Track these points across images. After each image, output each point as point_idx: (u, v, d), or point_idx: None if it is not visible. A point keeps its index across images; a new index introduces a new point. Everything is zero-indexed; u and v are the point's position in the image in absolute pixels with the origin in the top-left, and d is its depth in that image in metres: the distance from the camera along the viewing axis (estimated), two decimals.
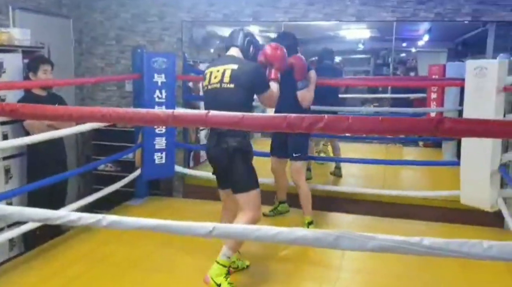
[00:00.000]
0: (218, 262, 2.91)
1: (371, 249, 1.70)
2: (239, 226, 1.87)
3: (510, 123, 1.61)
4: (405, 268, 3.44)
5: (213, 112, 1.64)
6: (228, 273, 2.94)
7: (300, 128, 1.62)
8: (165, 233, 2.00)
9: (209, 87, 3.00)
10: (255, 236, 1.86)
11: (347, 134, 6.44)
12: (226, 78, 2.91)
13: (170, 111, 1.66)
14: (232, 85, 2.89)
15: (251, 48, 3.08)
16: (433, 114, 5.96)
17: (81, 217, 1.99)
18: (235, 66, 2.92)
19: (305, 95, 3.97)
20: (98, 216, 1.96)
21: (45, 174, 3.70)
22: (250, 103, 3.05)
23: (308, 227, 4.00)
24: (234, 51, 3.05)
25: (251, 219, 2.90)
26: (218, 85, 2.93)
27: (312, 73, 4.02)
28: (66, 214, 2.04)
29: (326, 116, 1.61)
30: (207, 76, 3.02)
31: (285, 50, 3.22)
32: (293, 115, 1.62)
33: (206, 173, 5.20)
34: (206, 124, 1.63)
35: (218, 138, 2.93)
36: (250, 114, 1.68)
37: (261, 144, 4.46)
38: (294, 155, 4.03)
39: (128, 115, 1.69)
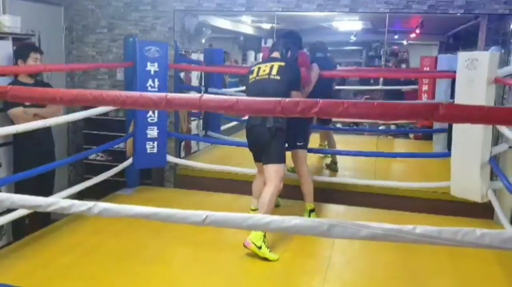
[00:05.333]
0: None
1: (364, 237, 1.70)
2: (232, 215, 1.86)
3: (504, 109, 1.62)
4: (394, 258, 3.47)
5: (206, 96, 1.63)
6: (265, 237, 3.37)
7: (295, 112, 1.62)
8: (158, 222, 1.99)
9: (257, 78, 3.64)
10: (247, 224, 1.85)
11: (338, 126, 6.44)
12: (274, 71, 3.59)
13: (163, 94, 1.65)
14: (278, 77, 3.57)
15: (289, 53, 3.78)
16: None
17: (73, 205, 1.97)
18: (282, 64, 3.64)
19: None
20: (89, 204, 1.94)
21: (31, 165, 3.64)
22: (289, 94, 3.55)
23: (309, 214, 4.10)
24: (276, 54, 3.79)
25: (276, 187, 3.51)
26: (267, 77, 3.59)
27: (315, 67, 4.25)
28: (57, 201, 2.02)
29: (320, 100, 1.60)
30: (255, 70, 3.69)
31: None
32: (288, 99, 1.61)
33: (198, 163, 5.21)
34: (200, 108, 1.62)
35: (263, 118, 3.53)
36: (244, 97, 1.67)
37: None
38: (298, 143, 4.11)
39: (121, 98, 1.67)
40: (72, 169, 5.75)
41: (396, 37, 8.17)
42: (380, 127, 7.13)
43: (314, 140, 5.26)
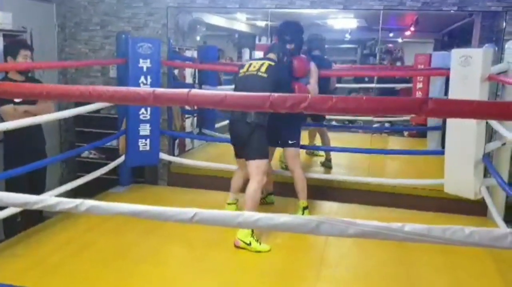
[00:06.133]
0: None
1: (353, 235, 1.69)
2: (221, 212, 1.85)
3: (493, 103, 1.60)
4: (387, 254, 3.47)
5: (194, 91, 1.61)
6: (253, 232, 3.45)
7: (284, 107, 1.60)
8: (147, 220, 1.98)
9: (246, 73, 3.71)
10: (237, 222, 1.83)
11: (334, 123, 6.42)
12: (263, 69, 3.66)
13: (151, 89, 1.63)
14: (265, 75, 3.63)
15: (285, 58, 3.89)
16: None
17: (60, 202, 1.95)
18: (273, 63, 3.73)
19: (310, 91, 4.12)
20: (77, 201, 1.92)
21: (21, 163, 3.60)
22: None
23: (303, 211, 4.11)
24: (272, 55, 3.86)
25: (259, 183, 3.57)
26: (255, 72, 3.66)
27: (313, 66, 4.25)
28: (44, 198, 2.01)
29: (309, 95, 1.58)
30: (246, 66, 3.77)
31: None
32: (277, 94, 1.59)
33: (191, 161, 5.19)
34: (188, 103, 1.60)
35: (242, 113, 3.57)
36: (233, 93, 1.65)
37: None
38: (289, 142, 4.10)
39: (109, 93, 1.65)
40: (64, 167, 5.71)
41: (391, 35, 8.16)
42: (374, 125, 7.12)
43: (305, 138, 5.26)
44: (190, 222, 1.82)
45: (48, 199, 1.97)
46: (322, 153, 5.68)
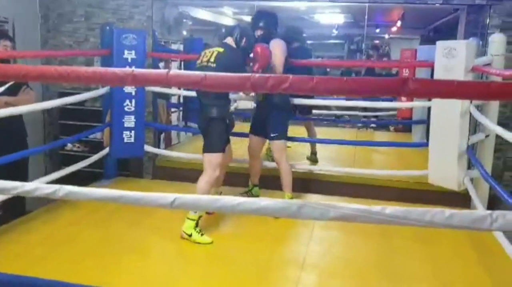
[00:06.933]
0: (188, 218, 3.44)
1: (333, 218, 1.67)
2: (201, 197, 1.83)
3: (473, 83, 1.60)
4: (370, 245, 3.50)
5: (174, 71, 1.59)
6: (197, 225, 3.46)
7: (265, 88, 1.58)
8: (136, 213, 1.95)
9: (201, 64, 3.55)
10: (217, 206, 1.81)
11: (322, 117, 6.41)
12: (212, 59, 3.49)
13: (129, 69, 1.60)
14: (214, 65, 3.45)
15: (243, 41, 3.66)
16: (404, 99, 5.99)
17: (38, 187, 1.92)
18: (221, 50, 3.52)
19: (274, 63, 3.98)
20: (55, 186, 1.88)
21: (1, 153, 3.52)
22: None
23: None
24: (228, 40, 3.67)
25: (209, 178, 3.52)
26: (206, 64, 3.50)
27: (276, 47, 4.00)
28: (22, 184, 1.96)
29: (291, 76, 1.57)
30: (201, 56, 3.59)
31: (270, 52, 3.82)
32: (258, 74, 1.57)
33: (176, 153, 5.16)
34: (169, 83, 1.57)
35: (202, 107, 3.59)
36: (213, 73, 1.63)
37: (240, 129, 4.43)
38: (272, 134, 4.07)
39: (87, 74, 1.62)
40: (48, 160, 5.64)
41: (377, 30, 8.22)
42: (361, 119, 7.16)
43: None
44: (171, 207, 1.79)
45: (26, 184, 1.93)
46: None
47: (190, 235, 3.43)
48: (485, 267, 3.19)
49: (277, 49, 4.00)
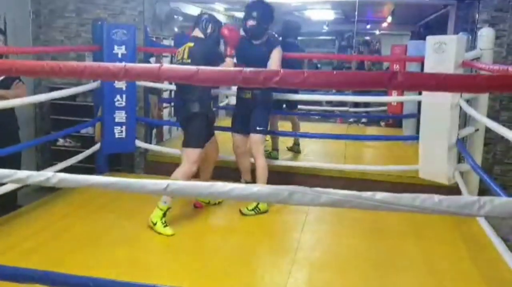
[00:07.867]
0: (157, 206, 3.47)
1: (324, 203, 1.70)
2: (194, 183, 1.85)
3: (460, 76, 1.63)
4: (361, 240, 3.52)
5: (166, 66, 1.60)
6: (164, 216, 3.47)
7: (257, 82, 1.60)
8: (129, 206, 1.95)
9: (177, 62, 3.60)
10: (209, 192, 1.82)
11: (312, 113, 6.42)
12: (186, 55, 3.53)
13: (122, 64, 1.62)
14: (189, 61, 3.48)
15: (210, 28, 3.62)
16: (394, 94, 6.04)
17: (31, 175, 1.91)
18: (191, 44, 3.54)
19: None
20: (48, 174, 1.88)
21: None
22: None
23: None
24: (196, 32, 3.63)
25: (185, 171, 3.54)
26: (181, 61, 3.54)
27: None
28: (15, 172, 1.96)
29: (281, 70, 1.59)
30: (176, 54, 3.65)
31: (237, 31, 3.84)
32: (249, 69, 1.59)
33: (168, 149, 5.16)
34: (160, 77, 1.59)
35: (183, 102, 3.62)
36: (205, 67, 1.64)
37: (227, 123, 4.42)
38: (257, 128, 4.01)
39: (79, 68, 1.63)
40: (40, 155, 5.62)
41: (368, 27, 8.25)
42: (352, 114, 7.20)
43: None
44: (164, 193, 1.81)
45: (19, 172, 1.92)
46: None
47: (155, 224, 3.46)
48: (472, 257, 3.23)
49: (277, 55, 3.98)
